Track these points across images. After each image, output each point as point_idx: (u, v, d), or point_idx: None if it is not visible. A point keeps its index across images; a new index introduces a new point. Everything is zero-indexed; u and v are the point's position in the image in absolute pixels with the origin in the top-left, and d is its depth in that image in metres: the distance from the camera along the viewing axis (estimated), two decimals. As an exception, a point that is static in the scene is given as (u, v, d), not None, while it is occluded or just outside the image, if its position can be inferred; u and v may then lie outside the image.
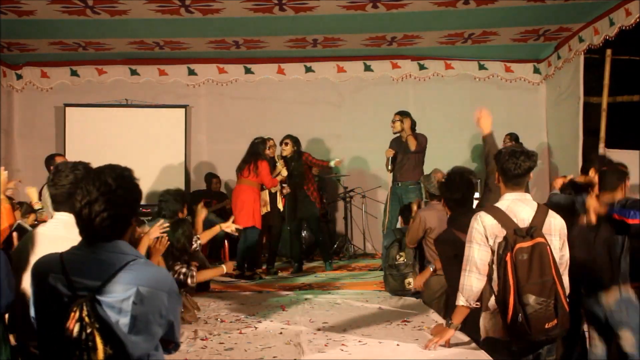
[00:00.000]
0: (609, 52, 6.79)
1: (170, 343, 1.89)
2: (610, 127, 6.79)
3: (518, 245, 2.62)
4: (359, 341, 3.60)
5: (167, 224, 3.89)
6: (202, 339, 3.71)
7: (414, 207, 5.02)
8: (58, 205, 2.39)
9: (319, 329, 3.94)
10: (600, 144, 6.62)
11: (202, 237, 4.73)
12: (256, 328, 4.02)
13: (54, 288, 1.73)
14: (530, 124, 8.18)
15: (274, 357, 3.33)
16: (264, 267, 6.58)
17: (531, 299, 2.58)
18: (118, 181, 1.79)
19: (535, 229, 2.68)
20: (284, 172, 6.42)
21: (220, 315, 4.43)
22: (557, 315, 2.61)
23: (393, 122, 6.42)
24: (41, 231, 2.45)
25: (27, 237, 2.50)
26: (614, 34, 6.17)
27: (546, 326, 2.60)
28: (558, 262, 2.74)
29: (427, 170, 6.29)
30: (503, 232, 2.71)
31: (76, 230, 2.26)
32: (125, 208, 1.80)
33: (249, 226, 6.04)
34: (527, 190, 2.92)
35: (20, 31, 6.68)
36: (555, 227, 2.78)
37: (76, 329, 1.63)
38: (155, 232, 3.71)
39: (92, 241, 1.78)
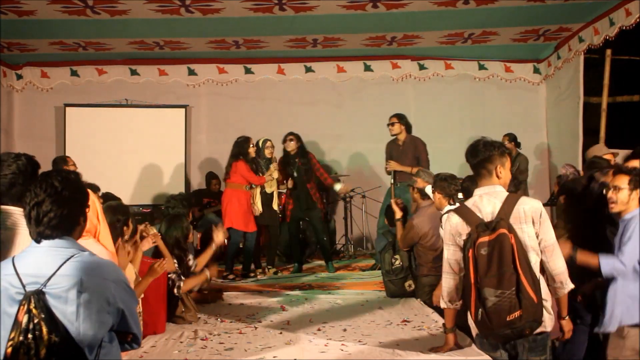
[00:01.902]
0: (609, 52, 6.79)
1: (127, 335, 1.97)
2: (610, 127, 6.80)
3: (479, 240, 2.60)
4: (359, 341, 3.61)
5: (156, 239, 3.95)
6: (202, 339, 3.72)
7: (395, 208, 5.00)
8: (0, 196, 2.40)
9: (319, 329, 3.95)
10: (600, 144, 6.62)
11: (200, 261, 4.61)
12: (256, 328, 4.02)
13: (6, 287, 1.84)
14: (530, 124, 8.17)
15: (274, 357, 3.33)
16: (264, 266, 6.58)
17: (489, 292, 2.54)
18: (63, 183, 1.91)
19: (497, 221, 2.61)
20: (275, 174, 6.41)
21: (220, 315, 4.43)
22: (521, 306, 2.51)
23: (392, 124, 6.41)
24: None
25: None
26: (614, 34, 6.16)
27: (508, 318, 2.52)
28: (536, 248, 2.66)
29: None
30: (467, 229, 2.70)
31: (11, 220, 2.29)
32: (71, 208, 1.92)
33: (228, 228, 6.11)
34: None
35: (20, 31, 6.67)
36: (525, 214, 2.66)
37: (25, 319, 1.76)
38: (146, 244, 3.77)
39: (40, 240, 1.89)
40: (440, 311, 4.16)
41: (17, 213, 2.30)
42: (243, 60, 8.15)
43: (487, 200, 2.73)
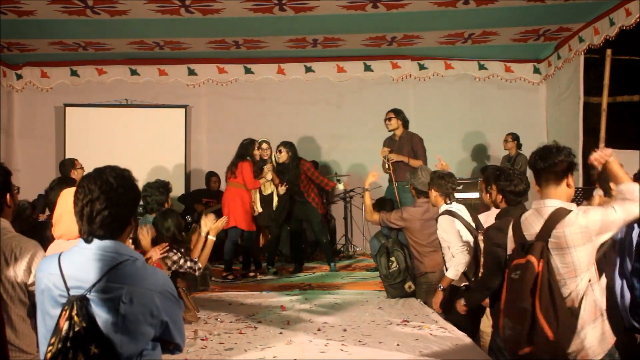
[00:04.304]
0: (609, 52, 6.80)
1: (170, 344, 1.89)
2: (610, 127, 6.80)
3: (513, 263, 2.43)
4: (359, 341, 3.61)
5: (167, 247, 3.89)
6: (202, 339, 3.71)
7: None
8: None
9: (319, 329, 3.94)
10: (600, 144, 6.63)
11: (201, 259, 4.36)
12: (256, 328, 4.02)
13: (49, 287, 1.77)
14: (530, 124, 8.17)
15: (274, 357, 3.33)
16: (264, 266, 6.58)
17: (507, 323, 2.42)
18: (119, 180, 1.81)
19: (530, 244, 2.39)
20: (269, 176, 6.41)
21: (220, 315, 4.43)
22: (533, 343, 2.31)
23: (389, 119, 6.36)
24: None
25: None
26: (614, 34, 6.17)
27: (520, 352, 2.37)
28: (588, 267, 2.38)
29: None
30: (512, 246, 2.54)
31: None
32: (125, 207, 1.82)
33: (230, 227, 6.10)
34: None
35: (20, 31, 6.68)
36: (572, 236, 2.34)
37: (65, 326, 1.67)
38: (155, 255, 3.73)
39: (90, 240, 1.79)
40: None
41: None
42: (243, 60, 8.15)
43: (536, 216, 2.47)
